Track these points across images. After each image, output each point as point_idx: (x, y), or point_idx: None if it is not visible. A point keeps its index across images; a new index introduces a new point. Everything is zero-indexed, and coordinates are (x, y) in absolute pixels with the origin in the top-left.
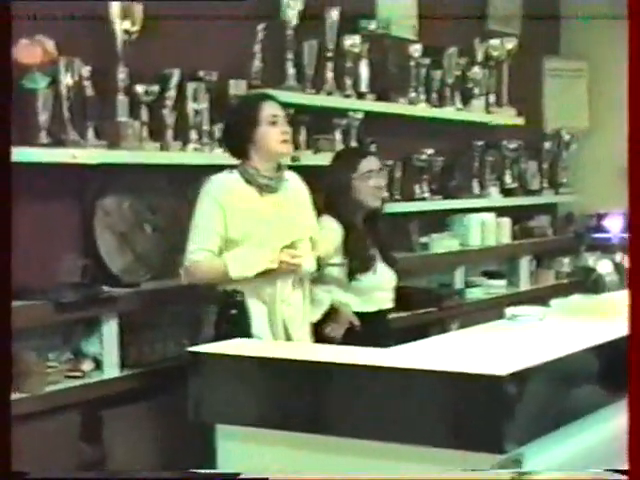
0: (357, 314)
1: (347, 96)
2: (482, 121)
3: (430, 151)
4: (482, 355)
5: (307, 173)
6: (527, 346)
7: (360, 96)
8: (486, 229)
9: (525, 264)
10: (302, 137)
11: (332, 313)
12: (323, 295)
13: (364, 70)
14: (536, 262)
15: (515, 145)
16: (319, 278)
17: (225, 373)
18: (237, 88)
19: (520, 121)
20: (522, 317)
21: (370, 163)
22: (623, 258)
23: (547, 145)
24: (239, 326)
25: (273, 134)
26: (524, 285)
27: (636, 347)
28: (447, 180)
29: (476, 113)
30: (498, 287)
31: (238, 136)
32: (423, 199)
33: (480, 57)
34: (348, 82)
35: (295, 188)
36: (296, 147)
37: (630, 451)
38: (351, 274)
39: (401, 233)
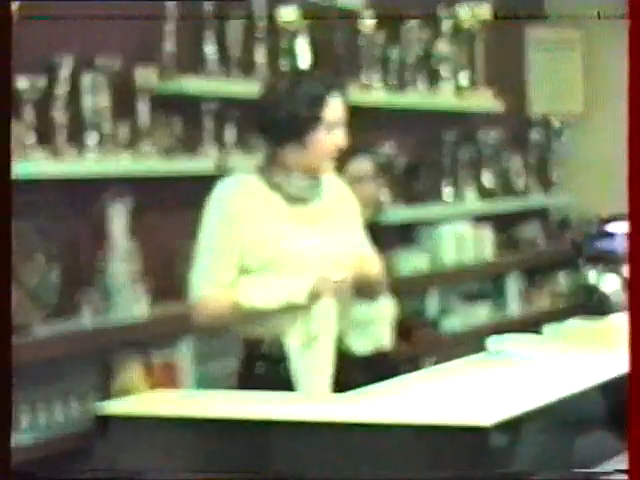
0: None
1: None
2: (453, 108)
3: (389, 147)
4: (460, 400)
5: None
6: (516, 387)
7: None
8: (462, 242)
9: (513, 283)
10: (230, 136)
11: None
12: None
13: (304, 50)
14: (526, 280)
15: (494, 136)
16: None
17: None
18: (145, 77)
19: (499, 106)
20: (509, 349)
21: (359, 166)
22: None
23: (533, 135)
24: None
25: (328, 145)
26: (513, 309)
27: (636, 347)
28: (411, 182)
29: (445, 98)
30: (481, 313)
31: (281, 131)
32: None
33: (447, 29)
34: (284, 66)
35: (335, 196)
36: (222, 149)
37: (630, 451)
38: None
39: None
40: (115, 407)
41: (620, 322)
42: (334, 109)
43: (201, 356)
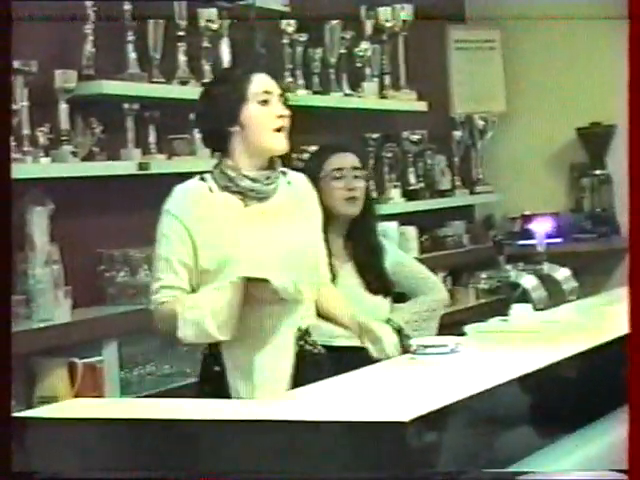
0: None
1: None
2: (376, 108)
3: (313, 149)
4: (380, 399)
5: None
6: (435, 384)
7: None
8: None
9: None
10: (152, 138)
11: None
12: None
13: (225, 51)
14: (451, 279)
15: (418, 136)
16: None
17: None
18: (65, 80)
19: (422, 106)
20: (430, 348)
21: (342, 159)
22: (551, 268)
23: (457, 134)
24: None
25: (263, 116)
26: None
27: (636, 345)
28: None
29: (368, 99)
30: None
31: (215, 117)
32: None
33: (369, 30)
34: (206, 67)
35: (294, 193)
36: (144, 152)
37: (630, 451)
38: None
39: None
40: (37, 413)
41: (539, 320)
42: (259, 83)
43: (127, 361)
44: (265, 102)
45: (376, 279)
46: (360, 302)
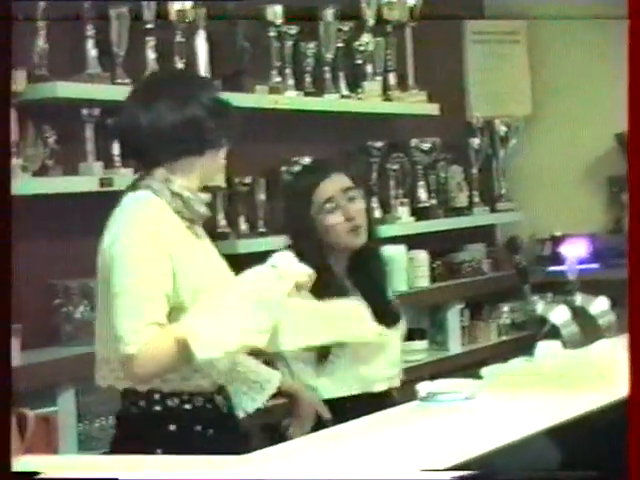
0: (331, 402)
1: None
2: (379, 112)
3: (306, 160)
4: (385, 455)
5: None
6: (447, 438)
7: None
8: (394, 268)
9: (454, 316)
10: (115, 150)
11: (290, 402)
12: (267, 374)
13: (201, 46)
14: (469, 312)
15: (429, 144)
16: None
17: None
18: (13, 82)
19: (434, 109)
20: (441, 395)
21: (332, 185)
22: (585, 300)
23: (475, 142)
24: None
25: None
26: (455, 346)
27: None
28: None
29: (370, 101)
30: (417, 352)
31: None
32: None
33: (372, 20)
34: (180, 65)
35: None
36: (107, 165)
37: (630, 451)
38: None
39: None
40: None
41: (570, 361)
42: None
43: (86, 411)
44: None
45: (382, 311)
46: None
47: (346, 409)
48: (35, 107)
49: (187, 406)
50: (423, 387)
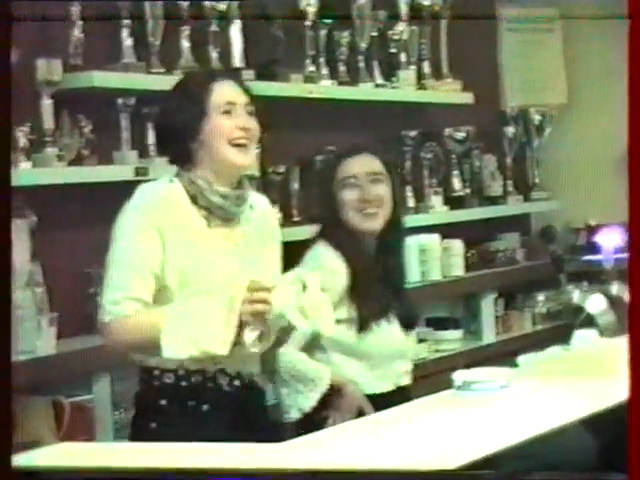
0: (369, 396)
1: None
2: (413, 101)
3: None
4: (422, 444)
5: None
6: (482, 427)
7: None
8: (428, 257)
9: (488, 305)
10: (150, 139)
11: (333, 395)
12: (319, 370)
13: (236, 36)
14: (503, 302)
15: (463, 133)
16: (313, 343)
17: None
18: (49, 72)
19: (468, 98)
20: (476, 384)
21: (355, 164)
22: (621, 289)
23: (509, 131)
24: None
25: (224, 128)
26: (489, 336)
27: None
28: None
29: (404, 90)
30: (451, 341)
31: (175, 133)
32: None
33: (405, 9)
34: (214, 54)
35: (257, 219)
36: (141, 154)
37: (630, 451)
38: (359, 331)
39: None
40: (17, 461)
41: (608, 348)
42: (221, 93)
43: (121, 399)
44: (228, 113)
45: (407, 307)
46: (398, 333)
47: (384, 403)
48: (71, 97)
49: (183, 383)
50: (459, 376)
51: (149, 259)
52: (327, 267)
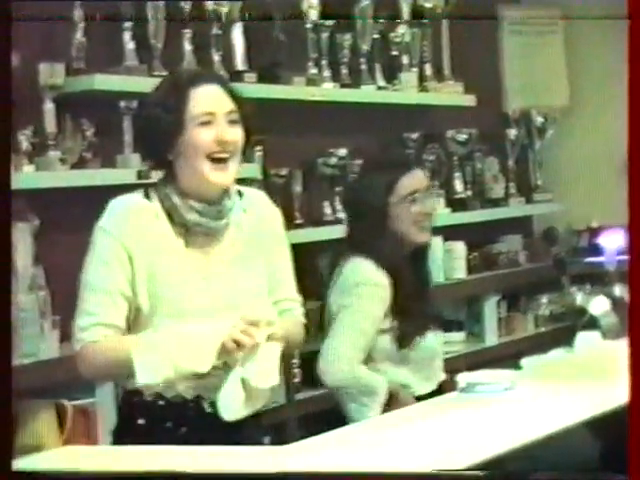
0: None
1: None
2: (415, 103)
3: (342, 152)
4: (426, 445)
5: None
6: (486, 428)
7: (235, 76)
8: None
9: (491, 308)
10: None
11: (389, 403)
12: (377, 380)
13: (238, 39)
14: (506, 304)
15: (465, 135)
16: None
17: None
18: (51, 75)
19: (470, 100)
20: (481, 386)
21: (414, 180)
22: (624, 291)
23: (511, 133)
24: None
25: (203, 143)
26: (491, 338)
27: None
28: None
29: (406, 92)
30: (454, 343)
31: (151, 143)
32: (336, 221)
33: (407, 11)
34: (216, 57)
35: (251, 224)
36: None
37: (630, 451)
38: (404, 340)
39: (308, 272)
40: (19, 465)
41: (610, 350)
42: (200, 102)
43: None
44: (207, 123)
45: (436, 310)
46: (436, 335)
47: None
48: (73, 100)
49: (160, 402)
50: (463, 378)
51: (119, 282)
52: (372, 281)
